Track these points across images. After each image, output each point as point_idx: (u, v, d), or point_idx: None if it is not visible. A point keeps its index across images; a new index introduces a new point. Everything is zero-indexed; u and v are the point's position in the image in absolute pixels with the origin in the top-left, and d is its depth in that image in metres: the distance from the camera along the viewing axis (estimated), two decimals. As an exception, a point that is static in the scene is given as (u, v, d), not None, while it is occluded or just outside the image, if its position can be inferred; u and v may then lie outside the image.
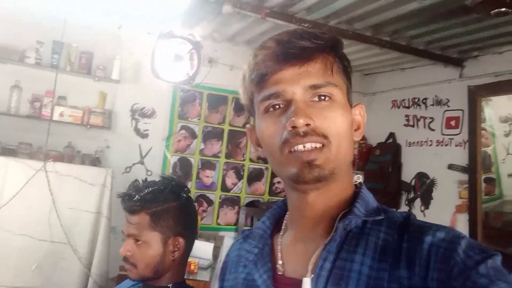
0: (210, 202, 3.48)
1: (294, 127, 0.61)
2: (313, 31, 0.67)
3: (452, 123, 3.01)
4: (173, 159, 3.42)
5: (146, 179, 1.21)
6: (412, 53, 2.90)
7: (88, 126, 3.09)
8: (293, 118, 0.61)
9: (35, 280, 2.09)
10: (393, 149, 3.49)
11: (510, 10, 1.77)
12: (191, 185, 3.45)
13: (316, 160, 0.62)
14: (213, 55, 3.54)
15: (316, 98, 0.64)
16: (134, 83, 3.29)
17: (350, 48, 3.03)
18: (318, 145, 0.62)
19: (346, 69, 0.68)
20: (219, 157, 3.56)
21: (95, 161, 3.04)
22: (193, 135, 3.48)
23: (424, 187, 3.18)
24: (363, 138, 3.85)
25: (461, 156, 2.89)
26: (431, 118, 3.22)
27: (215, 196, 3.53)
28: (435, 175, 3.11)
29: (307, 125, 0.61)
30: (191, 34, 3.47)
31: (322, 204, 0.66)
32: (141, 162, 3.32)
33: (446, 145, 3.04)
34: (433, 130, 3.19)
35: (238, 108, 3.61)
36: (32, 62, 2.96)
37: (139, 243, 1.12)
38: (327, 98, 0.64)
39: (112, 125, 3.22)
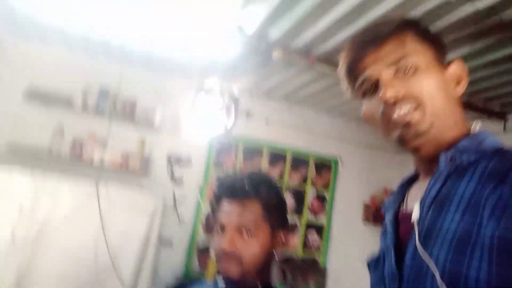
0: (241, 256, 3.34)
1: (385, 100, 0.71)
2: (384, 19, 0.80)
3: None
4: (206, 208, 3.37)
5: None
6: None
7: (126, 171, 3.12)
8: (382, 94, 0.71)
9: None
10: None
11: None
12: (223, 236, 3.35)
13: (411, 120, 0.71)
14: (250, 109, 3.61)
15: (401, 72, 0.73)
16: (172, 132, 3.36)
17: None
18: (411, 109, 0.71)
19: (427, 37, 0.76)
20: (252, 209, 3.48)
21: (129, 206, 3.02)
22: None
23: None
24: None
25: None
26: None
27: (247, 249, 3.40)
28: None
29: (396, 95, 0.71)
30: (230, 88, 3.61)
31: (434, 152, 0.73)
32: (174, 210, 3.27)
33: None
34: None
35: (273, 160, 3.60)
36: (78, 107, 3.07)
37: (246, 234, 0.99)
38: (411, 69, 0.72)
39: (149, 171, 3.24)
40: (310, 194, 3.67)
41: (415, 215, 0.69)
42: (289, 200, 3.59)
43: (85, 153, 3.06)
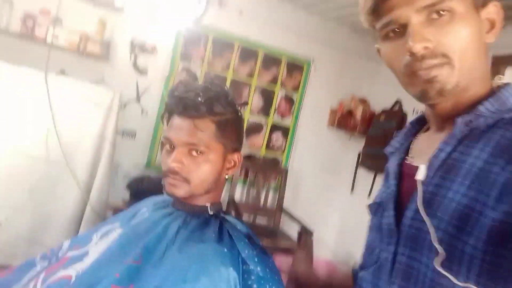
0: (205, 151, 3.33)
1: (413, 53, 0.63)
2: None
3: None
4: (171, 101, 3.24)
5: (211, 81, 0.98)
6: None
7: (84, 55, 2.87)
8: (409, 44, 0.62)
9: (27, 200, 1.91)
10: (399, 116, 3.39)
11: None
12: (187, 131, 3.29)
13: (436, 77, 0.64)
14: (223, -3, 3.31)
15: (435, 15, 0.63)
16: (136, 14, 3.05)
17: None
18: (440, 64, 0.63)
19: None
20: (218, 106, 3.39)
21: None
22: (194, 79, 3.29)
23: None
24: (366, 105, 3.75)
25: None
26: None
27: (211, 145, 3.38)
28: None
29: (425, 47, 0.62)
30: (202, -30, 3.25)
31: (451, 109, 0.69)
32: (137, 101, 3.13)
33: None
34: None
35: (244, 57, 3.42)
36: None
37: (196, 154, 0.91)
38: (446, 13, 0.63)
39: (109, 57, 3.00)
40: (278, 95, 3.60)
41: (421, 176, 0.66)
42: (257, 100, 3.52)
43: (38, 30, 2.76)
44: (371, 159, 3.50)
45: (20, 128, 1.89)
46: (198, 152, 0.91)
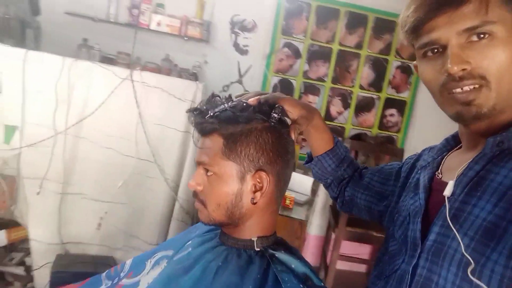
0: (310, 131, 3.14)
1: (451, 74, 0.63)
2: None
3: None
4: (273, 79, 3.09)
5: (229, 95, 0.82)
6: None
7: (186, 38, 2.86)
8: (448, 66, 0.63)
9: (122, 196, 1.98)
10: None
11: None
12: (291, 110, 3.12)
13: (474, 100, 0.64)
14: (327, -41, 2.99)
15: (475, 37, 0.63)
16: (235, -9, 2.93)
17: None
18: (476, 86, 0.63)
19: None
20: (324, 81, 3.13)
21: (192, 76, 2.83)
22: (297, 54, 3.08)
23: None
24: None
25: None
26: None
27: (317, 124, 3.17)
28: None
29: (463, 69, 0.62)
30: None
31: (485, 129, 0.68)
32: (239, 81, 3.05)
33: None
34: None
35: (351, 25, 3.08)
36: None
37: (210, 174, 0.78)
38: (486, 36, 0.62)
39: (210, 39, 2.95)
40: (393, 65, 3.18)
41: (448, 192, 0.67)
42: (367, 72, 3.16)
43: (142, 19, 2.82)
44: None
45: (111, 125, 1.94)
46: (210, 172, 0.79)
